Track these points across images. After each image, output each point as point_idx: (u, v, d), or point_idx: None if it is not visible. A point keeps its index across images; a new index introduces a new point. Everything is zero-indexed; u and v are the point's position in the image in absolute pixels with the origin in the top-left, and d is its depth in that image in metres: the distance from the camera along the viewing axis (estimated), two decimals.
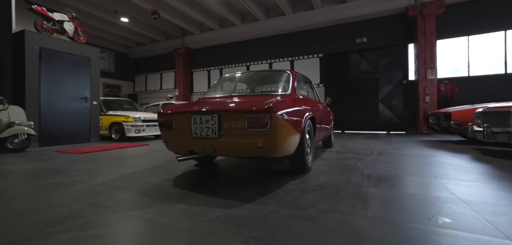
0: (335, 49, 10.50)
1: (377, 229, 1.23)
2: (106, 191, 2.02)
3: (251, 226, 1.30)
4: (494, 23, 8.40)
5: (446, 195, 1.76)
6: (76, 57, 5.85)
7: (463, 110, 5.50)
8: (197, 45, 12.59)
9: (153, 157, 3.74)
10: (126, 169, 2.91)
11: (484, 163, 3.05)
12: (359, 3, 9.37)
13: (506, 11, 8.22)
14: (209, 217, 1.44)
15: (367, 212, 1.47)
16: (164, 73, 14.04)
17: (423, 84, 8.84)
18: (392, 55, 9.94)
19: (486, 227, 1.24)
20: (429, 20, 8.73)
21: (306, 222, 1.34)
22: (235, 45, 12.06)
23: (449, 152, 3.96)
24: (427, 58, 8.78)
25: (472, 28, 8.69)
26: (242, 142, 1.99)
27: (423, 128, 8.73)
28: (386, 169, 2.69)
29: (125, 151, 4.46)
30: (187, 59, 12.93)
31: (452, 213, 1.42)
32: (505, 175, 2.41)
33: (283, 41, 11.19)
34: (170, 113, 2.33)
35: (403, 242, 1.10)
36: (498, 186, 1.98)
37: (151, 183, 2.23)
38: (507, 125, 3.48)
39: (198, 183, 2.26)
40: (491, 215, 1.39)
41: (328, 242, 1.11)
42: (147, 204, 1.68)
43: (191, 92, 13.21)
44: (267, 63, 11.62)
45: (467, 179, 2.22)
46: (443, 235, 1.16)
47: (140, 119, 6.36)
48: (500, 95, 7.73)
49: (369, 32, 9.93)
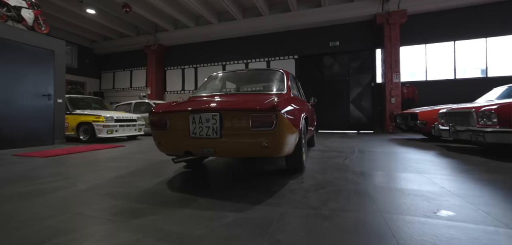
0: (310, 51, 10.85)
1: (393, 225, 1.28)
2: (94, 198, 1.83)
3: (271, 230, 1.27)
4: (446, 34, 9.39)
5: (438, 189, 1.91)
6: (38, 49, 5.23)
7: (427, 111, 6.04)
8: (171, 42, 12.09)
9: (134, 159, 3.49)
10: (109, 172, 2.66)
11: (452, 158, 3.37)
12: (332, 8, 9.79)
13: (454, 24, 9.24)
14: (223, 222, 1.37)
15: (376, 208, 1.52)
16: (135, 71, 13.25)
17: (389, 87, 9.53)
18: (361, 59, 10.57)
19: (486, 218, 1.36)
20: (394, 28, 9.44)
21: (323, 222, 1.34)
22: (211, 44, 11.82)
23: (418, 149, 4.31)
24: (393, 62, 9.50)
25: (429, 37, 9.61)
26: (245, 142, 1.93)
27: (389, 127, 9.42)
28: (374, 166, 2.83)
29: (99, 154, 4.10)
30: (159, 57, 12.34)
31: (452, 206, 1.54)
32: (473, 168, 2.69)
33: (260, 41, 11.25)
34: (164, 111, 2.19)
35: (423, 237, 1.16)
36: (474, 179, 2.20)
37: (144, 188, 2.07)
38: (468, 124, 3.89)
39: (194, 185, 2.15)
40: (484, 206, 1.54)
41: (354, 242, 1.13)
42: (148, 211, 1.55)
43: (164, 91, 12.64)
44: (243, 63, 11.59)
45: (447, 174, 2.43)
46: (455, 227, 1.25)
47: (113, 118, 5.91)
48: (451, 98, 8.62)
49: (341, 36, 10.43)
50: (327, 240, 1.14)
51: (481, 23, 9.05)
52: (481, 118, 3.64)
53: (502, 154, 3.77)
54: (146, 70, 12.60)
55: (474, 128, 3.68)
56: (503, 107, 3.40)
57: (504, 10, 8.77)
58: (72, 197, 1.87)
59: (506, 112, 3.35)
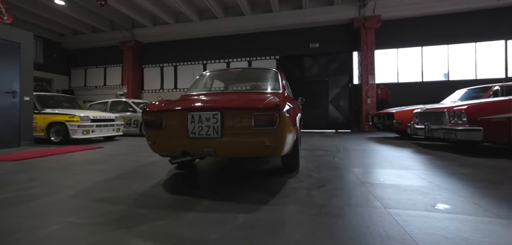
0: (291, 51, 11.05)
1: (401, 220, 1.35)
2: (86, 204, 1.69)
3: (286, 230, 1.27)
4: (414, 40, 10.11)
5: (428, 184, 2.04)
6: (0, 41, 4.72)
7: (402, 111, 6.44)
8: (149, 39, 11.61)
9: (118, 162, 3.29)
10: (94, 176, 2.49)
11: (428, 155, 3.63)
12: (313, 11, 10.05)
13: (422, 31, 9.97)
14: (235, 224, 1.34)
15: (379, 204, 1.59)
16: (109, 68, 12.51)
17: (366, 88, 10.02)
18: (339, 60, 10.99)
19: (478, 209, 1.48)
20: (370, 32, 9.94)
21: (336, 220, 1.37)
22: (192, 42, 11.55)
23: (396, 147, 4.58)
24: (369, 65, 9.99)
25: (400, 42, 10.26)
26: (247, 141, 1.91)
27: (365, 127, 9.91)
28: (362, 163, 2.96)
29: (76, 156, 3.81)
30: (136, 54, 11.78)
31: (445, 200, 1.66)
32: (449, 164, 2.93)
33: (242, 41, 11.22)
34: (159, 110, 2.09)
35: (431, 230, 1.23)
36: (454, 173, 2.39)
37: (139, 191, 1.97)
38: (441, 123, 4.22)
39: (192, 187, 2.08)
40: (472, 198, 1.68)
41: (373, 237, 1.17)
42: (152, 216, 1.48)
43: (141, 89, 12.10)
44: (225, 62, 11.48)
45: (430, 169, 2.61)
46: (456, 220, 1.34)
47: (89, 118, 5.52)
48: (419, 99, 9.27)
49: (321, 38, 10.76)
50: (346, 238, 1.16)
51: (444, 32, 9.85)
52: (452, 118, 3.96)
53: (469, 150, 4.13)
54: (122, 68, 11.96)
55: (446, 127, 3.99)
56: (472, 108, 3.73)
57: (463, 20, 9.62)
58: (59, 204, 1.71)
59: (474, 112, 3.68)
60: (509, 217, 1.36)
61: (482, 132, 3.56)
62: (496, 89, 6.02)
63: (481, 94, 6.30)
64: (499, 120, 3.57)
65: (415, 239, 1.12)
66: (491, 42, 9.56)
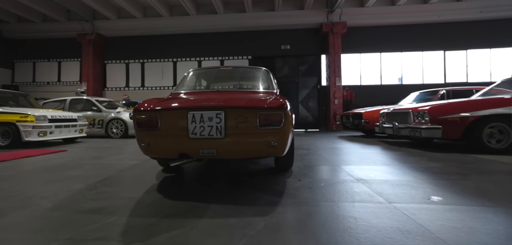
0: (263, 52, 11.19)
1: (408, 212, 1.45)
2: (74, 217, 1.49)
3: (312, 230, 1.28)
4: (375, 46, 11.04)
5: (413, 178, 2.24)
6: None
7: (370, 111, 6.97)
8: (113, 32, 10.71)
9: (94, 166, 2.97)
10: (71, 184, 2.21)
11: (398, 152, 3.98)
12: (285, 14, 10.32)
13: (381, 39, 10.93)
14: (257, 228, 1.31)
15: (382, 199, 1.69)
16: (65, 62, 11.23)
17: (333, 89, 10.61)
18: (309, 63, 11.47)
19: (466, 199, 1.67)
20: (337, 37, 10.55)
21: (353, 213, 1.42)
22: (161, 38, 10.96)
23: (367, 145, 4.94)
24: (336, 68, 10.60)
25: (363, 48, 11.11)
26: (252, 141, 1.88)
27: (333, 126, 10.51)
28: (346, 160, 3.11)
29: (37, 162, 3.33)
30: (98, 48, 10.78)
31: (435, 192, 1.84)
32: (420, 159, 3.25)
33: (214, 39, 11.01)
34: (155, 109, 1.94)
35: (439, 221, 1.35)
36: (428, 168, 2.66)
37: (133, 198, 1.80)
38: (407, 122, 4.66)
39: (191, 191, 1.98)
40: (455, 189, 1.89)
41: (394, 232, 1.24)
42: (163, 225, 1.36)
43: (103, 86, 11.10)
44: (196, 60, 11.15)
45: (408, 165, 2.86)
46: (454, 210, 1.49)
47: (46, 118, 4.89)
48: (378, 100, 10.10)
49: (292, 40, 11.09)
50: (373, 230, 1.21)
51: (398, 41, 10.93)
52: (416, 117, 4.40)
53: (426, 146, 4.64)
54: (81, 63, 10.83)
55: (412, 125, 4.42)
56: (433, 108, 4.18)
57: (413, 32, 10.77)
58: (39, 219, 1.48)
59: (435, 112, 4.14)
60: (493, 205, 1.56)
61: (441, 130, 4.03)
62: (442, 93, 6.89)
63: (431, 96, 7.13)
64: (454, 119, 4.06)
65: (432, 231, 1.22)
66: (433, 52, 10.89)
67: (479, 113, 3.91)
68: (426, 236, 1.17)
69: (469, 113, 3.93)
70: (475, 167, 2.72)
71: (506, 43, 10.51)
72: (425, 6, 9.99)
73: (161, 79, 10.99)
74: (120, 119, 6.76)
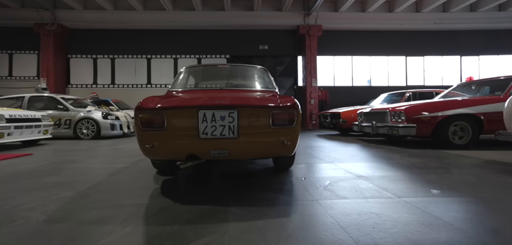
0: (241, 52, 11.15)
1: (421, 206, 1.56)
2: (83, 230, 1.33)
3: (339, 226, 1.30)
4: (347, 50, 11.66)
5: (405, 174, 2.40)
6: None
7: (347, 111, 7.33)
8: (78, 24, 9.80)
9: (75, 171, 2.69)
10: (58, 192, 1.97)
11: (378, 149, 4.24)
12: (263, 14, 10.39)
13: (352, 43, 11.58)
14: (289, 230, 1.29)
15: (391, 195, 1.79)
16: (18, 55, 9.99)
17: (309, 90, 10.96)
18: (286, 63, 11.72)
19: (461, 191, 1.84)
20: (313, 39, 10.93)
21: (371, 209, 1.48)
22: (134, 33, 10.32)
23: (347, 143, 5.19)
24: (312, 69, 10.97)
25: (337, 51, 11.66)
26: (265, 141, 1.86)
27: (309, 125, 10.87)
28: (337, 158, 3.23)
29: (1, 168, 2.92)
30: (60, 40, 9.78)
31: (431, 185, 1.99)
32: (401, 155, 3.51)
33: (191, 37, 10.69)
34: (162, 108, 1.81)
35: (451, 213, 1.47)
36: (413, 163, 2.89)
37: (141, 205, 1.66)
38: (384, 121, 5.00)
39: (198, 194, 1.90)
40: (446, 182, 2.07)
41: (419, 225, 1.31)
42: (189, 232, 1.27)
43: (66, 83, 10.11)
44: (171, 57, 10.72)
45: (393, 161, 3.07)
46: (458, 202, 1.63)
47: (4, 117, 4.30)
48: (350, 100, 10.63)
49: (270, 41, 11.22)
50: (399, 225, 1.27)
51: (368, 45, 11.67)
52: (393, 117, 4.74)
53: (402, 143, 5.03)
54: (39, 56, 9.72)
55: (390, 124, 4.75)
56: (409, 108, 4.54)
57: (380, 38, 11.60)
58: (40, 234, 1.29)
59: (410, 111, 4.49)
60: (485, 196, 1.75)
61: (416, 128, 4.39)
62: (408, 95, 7.52)
63: (399, 98, 7.74)
64: (426, 118, 4.45)
65: (450, 223, 1.32)
66: (397, 57, 11.86)
67: (446, 113, 4.33)
68: (448, 227, 1.27)
69: (438, 113, 4.34)
70: (451, 162, 3.01)
71: (456, 52, 11.85)
72: (390, 14, 10.80)
73: (133, 76, 10.34)
74: (91, 118, 6.22)
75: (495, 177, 2.28)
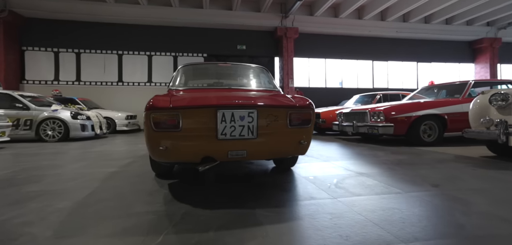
0: (219, 51, 10.99)
1: (432, 200, 1.69)
2: (106, 243, 1.20)
3: (375, 218, 1.35)
4: (321, 53, 12.17)
5: (399, 170, 2.58)
6: None
7: (326, 111, 7.65)
8: (35, 13, 8.74)
9: (59, 178, 2.39)
10: (52, 202, 1.73)
11: (360, 148, 4.49)
12: (242, 14, 10.37)
13: (325, 47, 12.12)
14: (327, 230, 1.32)
15: (399, 190, 1.91)
16: None
17: (286, 90, 11.20)
18: (263, 64, 11.81)
19: (456, 185, 2.04)
20: (290, 41, 11.20)
21: (389, 204, 1.57)
22: (104, 27, 9.54)
23: (328, 142, 5.43)
24: (289, 70, 11.24)
25: (312, 53, 12.09)
26: (283, 141, 1.86)
27: None
28: (329, 157, 3.36)
29: None
30: (11, 29, 8.64)
31: (427, 180, 2.17)
32: (385, 153, 3.77)
33: (166, 34, 10.23)
34: (176, 107, 1.71)
35: (449, 205, 1.62)
36: (399, 160, 3.12)
37: (159, 212, 1.54)
38: (364, 121, 5.32)
39: (212, 195, 1.82)
40: (438, 176, 2.27)
41: (430, 216, 1.42)
42: (229, 237, 1.21)
43: (20, 79, 8.96)
44: (146, 54, 10.16)
45: (381, 159, 3.27)
46: (462, 193, 1.80)
47: None
48: (324, 101, 11.10)
49: (248, 41, 11.23)
50: (425, 221, 1.36)
51: (339, 49, 12.31)
52: (373, 117, 5.07)
53: (379, 141, 5.40)
54: None
55: (370, 124, 5.07)
56: (387, 109, 4.89)
57: (351, 42, 12.32)
58: None
59: (389, 112, 4.84)
60: (479, 186, 1.96)
61: (394, 127, 4.75)
62: (379, 96, 8.12)
63: (370, 99, 8.32)
64: (402, 118, 4.84)
65: (472, 214, 1.46)
66: (365, 61, 12.74)
67: (418, 113, 4.76)
68: (471, 213, 1.40)
69: (412, 113, 4.75)
70: (430, 158, 3.31)
71: (413, 58, 13.13)
72: (359, 21, 11.54)
73: (102, 73, 9.54)
74: (57, 118, 5.59)
75: (472, 170, 2.56)
